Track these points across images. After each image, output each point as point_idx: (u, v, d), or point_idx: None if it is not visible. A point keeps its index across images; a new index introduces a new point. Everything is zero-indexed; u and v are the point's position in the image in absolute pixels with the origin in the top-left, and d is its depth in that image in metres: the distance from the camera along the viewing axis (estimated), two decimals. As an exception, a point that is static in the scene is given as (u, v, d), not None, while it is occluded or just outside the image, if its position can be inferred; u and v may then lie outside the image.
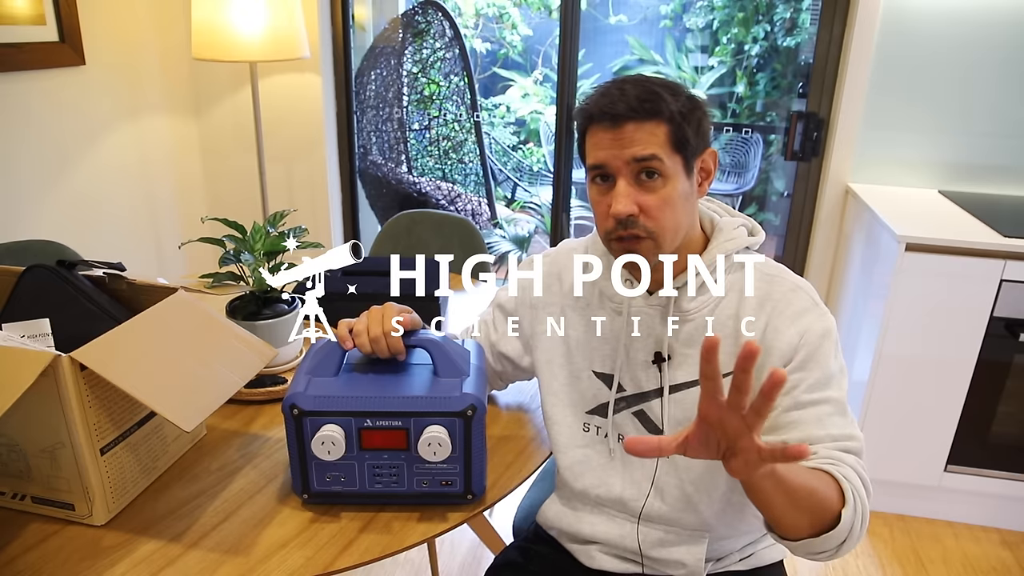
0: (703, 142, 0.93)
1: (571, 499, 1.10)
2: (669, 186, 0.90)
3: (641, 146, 0.88)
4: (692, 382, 0.97)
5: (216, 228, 1.33)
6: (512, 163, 4.76)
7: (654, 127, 0.88)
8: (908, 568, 1.96)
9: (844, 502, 0.81)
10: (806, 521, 0.82)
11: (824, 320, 0.93)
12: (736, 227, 0.99)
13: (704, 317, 0.97)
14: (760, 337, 0.93)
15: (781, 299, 0.94)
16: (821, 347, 0.91)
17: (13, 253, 1.63)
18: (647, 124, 0.88)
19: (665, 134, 0.88)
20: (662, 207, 0.90)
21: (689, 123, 0.90)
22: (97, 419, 0.91)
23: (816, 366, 0.91)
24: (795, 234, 2.48)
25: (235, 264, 1.25)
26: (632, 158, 0.89)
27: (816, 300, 0.95)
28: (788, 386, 0.91)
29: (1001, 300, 1.86)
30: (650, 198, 0.90)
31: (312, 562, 0.88)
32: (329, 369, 0.96)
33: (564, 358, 1.07)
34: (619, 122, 0.88)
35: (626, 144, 0.89)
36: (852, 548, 0.85)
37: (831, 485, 0.82)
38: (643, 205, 0.90)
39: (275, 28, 2.06)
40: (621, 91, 0.89)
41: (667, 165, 0.89)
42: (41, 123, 2.05)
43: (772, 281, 0.96)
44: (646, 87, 0.89)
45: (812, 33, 2.42)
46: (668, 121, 0.88)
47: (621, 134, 0.88)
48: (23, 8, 1.94)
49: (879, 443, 2.05)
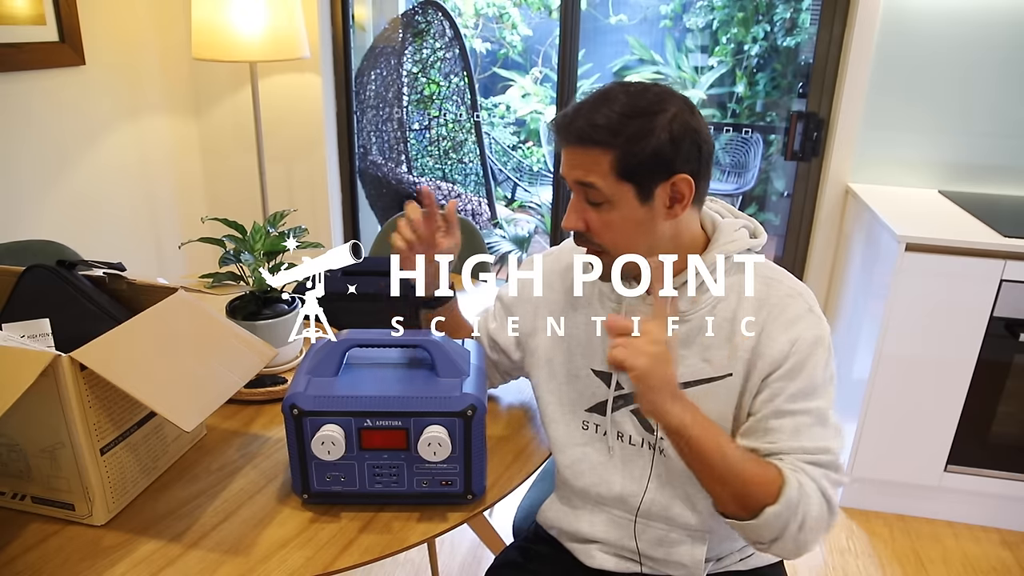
0: (667, 169, 0.89)
1: (571, 498, 1.10)
2: (614, 212, 0.91)
3: (581, 171, 0.91)
4: (686, 383, 0.97)
5: (216, 228, 1.33)
6: (512, 163, 4.77)
7: (597, 154, 0.89)
8: (908, 568, 1.96)
9: (777, 500, 0.86)
10: (728, 498, 0.89)
11: (817, 328, 0.93)
12: (737, 229, 0.99)
13: (701, 317, 0.97)
14: (755, 341, 0.93)
15: (777, 304, 0.94)
16: (811, 356, 0.91)
17: (13, 253, 1.63)
18: (590, 151, 0.89)
19: (609, 162, 0.88)
20: (606, 230, 0.93)
21: (640, 151, 0.87)
22: (97, 419, 0.91)
23: (802, 375, 0.91)
24: (795, 234, 2.48)
25: (235, 264, 1.25)
26: (574, 180, 0.92)
27: (812, 306, 0.95)
28: (771, 392, 0.92)
29: (1001, 300, 1.86)
30: (595, 218, 0.93)
31: (312, 562, 0.88)
32: (329, 369, 0.96)
33: (564, 356, 1.07)
34: (566, 143, 0.91)
35: (572, 165, 0.92)
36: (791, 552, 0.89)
37: (772, 480, 0.87)
38: (589, 223, 0.93)
39: (275, 28, 2.06)
40: (578, 110, 0.90)
41: (607, 193, 0.90)
42: (41, 123, 2.05)
43: (770, 285, 0.96)
44: (606, 109, 0.88)
45: (812, 33, 2.42)
46: (614, 149, 0.88)
47: (569, 154, 0.92)
48: (23, 8, 1.94)
49: (879, 443, 2.05)
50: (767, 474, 0.88)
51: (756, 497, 0.87)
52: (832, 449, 0.91)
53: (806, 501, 0.87)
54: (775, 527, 0.87)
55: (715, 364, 0.96)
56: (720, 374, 0.96)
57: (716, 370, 0.96)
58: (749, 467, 0.88)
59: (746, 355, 0.94)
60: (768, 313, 0.94)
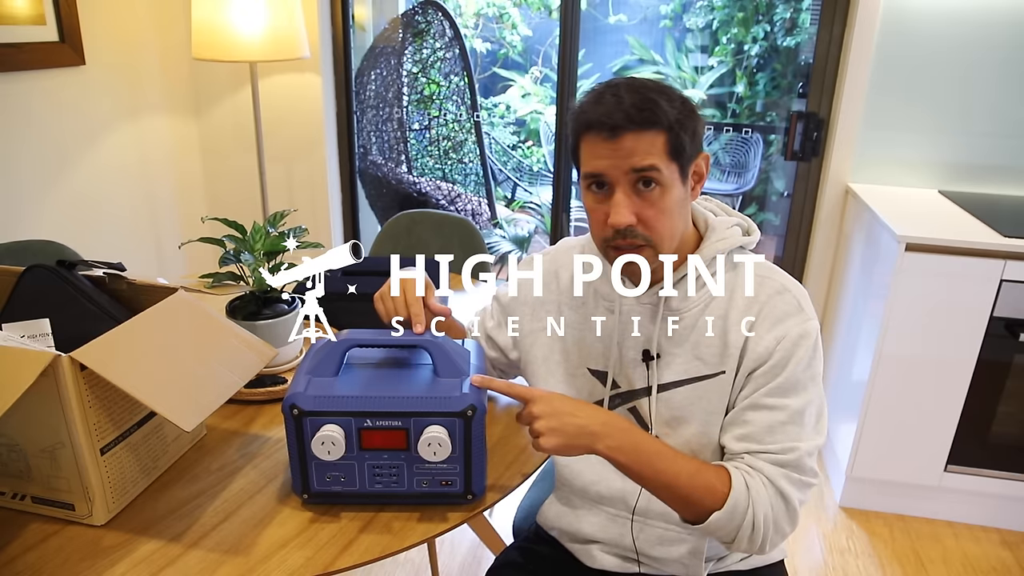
0: (697, 147, 0.92)
1: (571, 498, 1.10)
2: (667, 195, 0.90)
3: (640, 156, 0.87)
4: (678, 381, 0.97)
5: (216, 228, 1.33)
6: (512, 163, 4.77)
7: (653, 137, 0.87)
8: (908, 568, 1.96)
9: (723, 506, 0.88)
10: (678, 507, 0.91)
11: (803, 325, 0.93)
12: (730, 226, 0.99)
13: (693, 316, 0.97)
14: (744, 338, 0.94)
15: (767, 302, 0.94)
16: (794, 353, 0.92)
17: (13, 253, 1.63)
18: (646, 134, 0.87)
19: (663, 143, 0.88)
20: (660, 216, 0.90)
21: (685, 130, 0.89)
22: (97, 419, 0.91)
23: (783, 371, 0.92)
24: (795, 234, 2.48)
25: (235, 264, 1.25)
26: (631, 168, 0.88)
27: (801, 304, 0.95)
28: (752, 387, 0.93)
29: (1001, 300, 1.86)
30: (648, 208, 0.90)
31: (312, 562, 0.88)
32: (329, 369, 0.96)
33: (561, 355, 1.07)
34: (617, 132, 0.87)
35: (625, 154, 0.88)
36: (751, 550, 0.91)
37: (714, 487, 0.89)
38: (641, 215, 0.90)
39: (275, 28, 2.06)
40: (617, 98, 0.87)
41: (665, 174, 0.89)
42: (41, 123, 2.05)
43: (762, 283, 0.96)
44: (642, 94, 0.87)
45: (812, 33, 2.42)
46: (667, 130, 0.87)
47: (619, 144, 0.87)
48: (23, 8, 1.94)
49: (879, 443, 2.05)
50: (712, 481, 0.89)
51: (703, 504, 0.89)
52: (798, 448, 0.91)
53: (756, 503, 0.88)
54: (726, 530, 0.89)
55: (708, 362, 0.96)
56: (713, 372, 0.96)
57: (709, 368, 0.96)
58: (688, 479, 0.89)
59: (736, 352, 0.94)
60: (759, 311, 0.94)
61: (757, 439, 0.92)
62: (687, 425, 0.98)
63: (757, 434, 0.92)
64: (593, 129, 0.89)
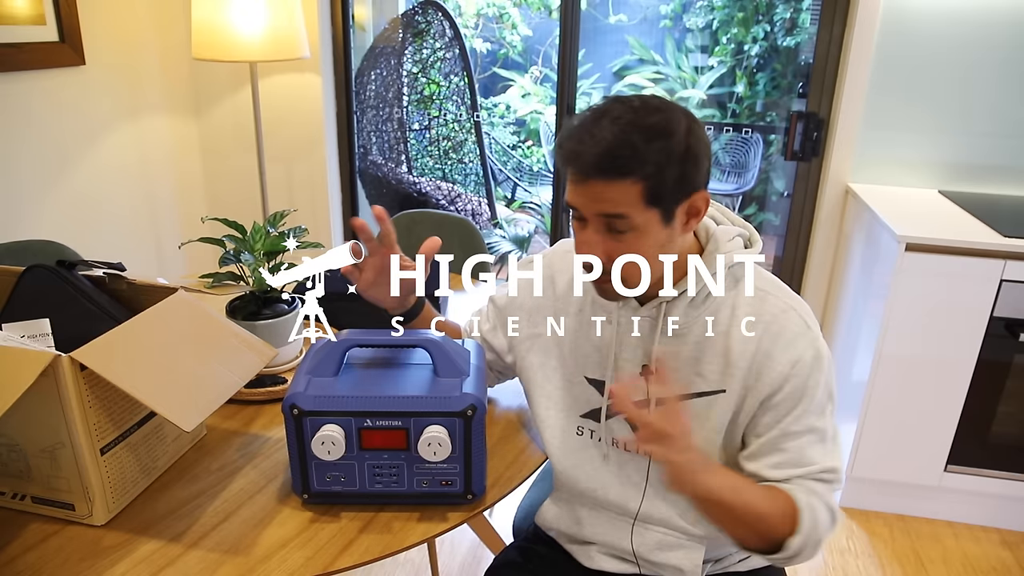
0: (689, 188, 0.86)
1: (570, 500, 1.10)
2: (641, 239, 0.87)
3: (608, 204, 0.84)
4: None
5: (216, 228, 1.33)
6: (512, 163, 4.77)
7: (626, 186, 0.83)
8: (908, 568, 1.96)
9: (796, 530, 0.87)
10: (753, 539, 0.89)
11: (815, 345, 0.92)
12: (731, 237, 0.96)
13: (694, 331, 0.96)
14: (752, 360, 0.93)
15: (773, 321, 0.93)
16: (811, 377, 0.91)
17: (13, 253, 1.63)
18: (616, 184, 0.83)
19: (639, 192, 0.83)
20: (631, 259, 0.88)
21: (669, 175, 0.83)
22: (97, 419, 0.91)
23: (805, 396, 0.91)
24: (795, 234, 2.48)
25: (235, 264, 1.25)
26: (599, 212, 0.86)
27: (808, 322, 0.94)
28: (775, 415, 0.93)
29: (1001, 300, 1.86)
30: (619, 247, 0.88)
31: (312, 562, 0.88)
32: (329, 369, 0.96)
33: (558, 361, 1.07)
34: (585, 177, 0.84)
35: (593, 199, 0.85)
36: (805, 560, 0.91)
37: (786, 512, 0.88)
38: (611, 254, 0.88)
39: (275, 28, 2.06)
40: (594, 139, 0.83)
41: (637, 221, 0.85)
42: (41, 123, 2.05)
43: (765, 299, 0.94)
44: (625, 136, 0.82)
45: (812, 33, 2.42)
46: (643, 179, 0.83)
47: (589, 188, 0.85)
48: (23, 8, 1.94)
49: (879, 443, 2.05)
50: (782, 506, 0.88)
51: (777, 531, 0.88)
52: (836, 468, 0.92)
53: (819, 520, 0.89)
54: (795, 551, 0.88)
55: (708, 379, 0.95)
56: (712, 389, 0.95)
57: (709, 385, 0.95)
58: (765, 505, 0.88)
59: (742, 373, 0.93)
60: (764, 330, 0.92)
61: (795, 464, 0.92)
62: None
63: (795, 460, 0.92)
64: (567, 164, 0.87)
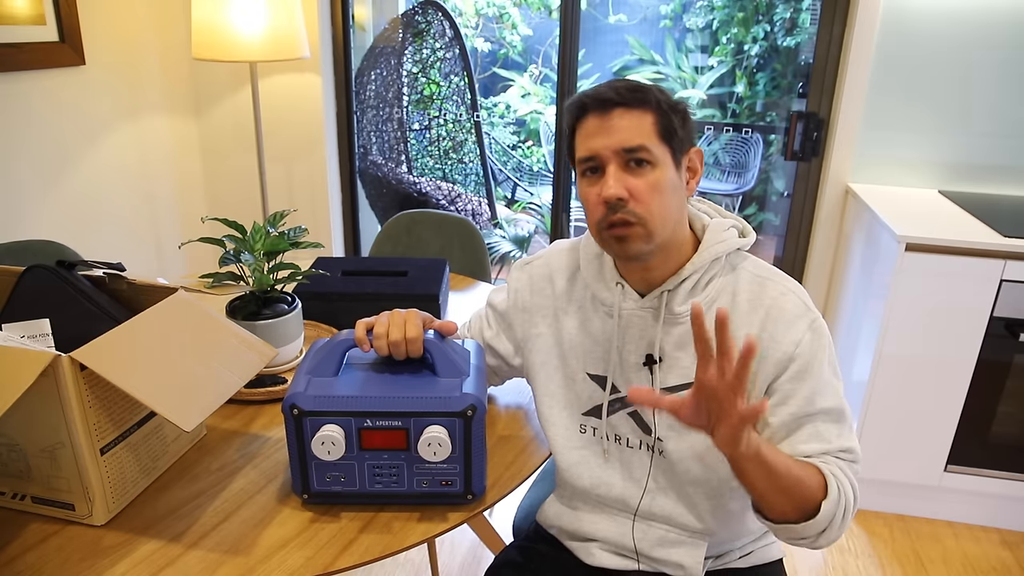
0: (689, 139, 0.95)
1: (572, 498, 1.10)
2: (658, 172, 0.91)
3: (629, 134, 0.90)
4: (683, 385, 0.97)
5: (216, 228, 1.34)
6: (512, 163, 4.77)
7: (642, 115, 0.91)
8: (908, 568, 1.96)
9: (827, 495, 0.88)
10: (789, 506, 0.89)
11: (816, 326, 0.94)
12: (726, 228, 0.99)
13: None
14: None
15: (773, 305, 0.94)
16: (816, 357, 0.93)
17: (13, 253, 1.63)
18: (635, 111, 0.90)
19: (652, 123, 0.91)
20: (651, 192, 0.91)
21: (675, 114, 0.92)
22: (97, 419, 0.91)
23: (811, 377, 0.92)
24: (795, 234, 2.48)
25: (235, 264, 1.25)
26: (622, 148, 0.90)
27: (808, 304, 0.95)
28: (783, 396, 0.93)
29: (1001, 300, 1.86)
30: (639, 183, 0.91)
31: (312, 562, 0.88)
32: (329, 369, 0.96)
33: (559, 360, 1.07)
34: (608, 109, 0.91)
35: (615, 132, 0.90)
36: (833, 540, 0.92)
37: (816, 478, 0.89)
38: (632, 190, 0.91)
39: (275, 28, 2.06)
40: (609, 85, 0.93)
41: (655, 154, 0.91)
42: (41, 123, 2.05)
43: (764, 284, 0.96)
44: (633, 82, 0.93)
45: (812, 33, 2.42)
46: (655, 110, 0.91)
47: (610, 121, 0.91)
48: (23, 8, 1.94)
49: (879, 443, 2.05)
50: (813, 472, 0.90)
51: (811, 497, 0.89)
52: (853, 447, 0.94)
53: (845, 491, 0.90)
54: (827, 520, 0.89)
55: None
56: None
57: None
58: (800, 469, 0.89)
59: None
60: (766, 314, 0.94)
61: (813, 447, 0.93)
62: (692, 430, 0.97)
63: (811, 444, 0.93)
64: (586, 109, 0.92)
